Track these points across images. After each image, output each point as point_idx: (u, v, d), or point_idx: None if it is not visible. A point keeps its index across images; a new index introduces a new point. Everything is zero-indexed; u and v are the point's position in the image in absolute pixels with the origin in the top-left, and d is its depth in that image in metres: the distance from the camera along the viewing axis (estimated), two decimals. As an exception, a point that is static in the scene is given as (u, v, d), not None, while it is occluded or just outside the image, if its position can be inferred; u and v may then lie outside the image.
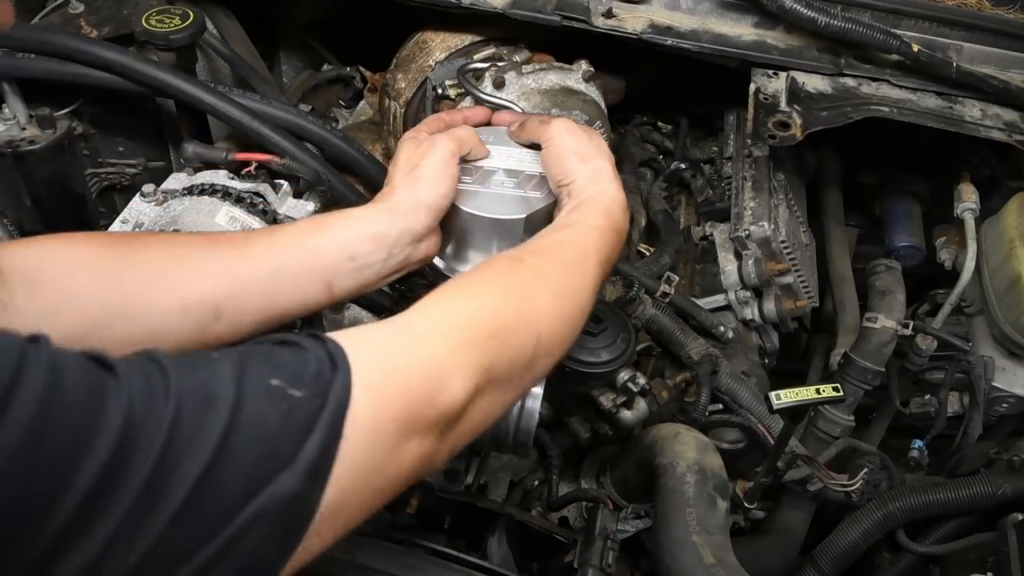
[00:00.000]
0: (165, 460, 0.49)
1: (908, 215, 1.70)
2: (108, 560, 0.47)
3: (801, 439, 1.49)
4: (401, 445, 0.64)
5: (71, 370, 0.48)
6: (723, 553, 1.08)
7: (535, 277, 0.83)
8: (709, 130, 1.84)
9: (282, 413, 0.55)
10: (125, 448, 0.47)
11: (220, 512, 0.51)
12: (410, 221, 0.98)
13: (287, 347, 0.61)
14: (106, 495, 0.46)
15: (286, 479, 0.53)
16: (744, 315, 1.52)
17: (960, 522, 1.49)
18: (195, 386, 0.53)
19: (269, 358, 0.59)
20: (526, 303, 0.79)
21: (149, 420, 0.49)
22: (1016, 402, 1.50)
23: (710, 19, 1.45)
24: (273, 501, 0.52)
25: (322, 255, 0.93)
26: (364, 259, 0.95)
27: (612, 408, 1.25)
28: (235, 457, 0.52)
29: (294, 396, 0.56)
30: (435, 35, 1.47)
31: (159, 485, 0.48)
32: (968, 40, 1.42)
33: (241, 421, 0.53)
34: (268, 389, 0.56)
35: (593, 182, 0.98)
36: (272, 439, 0.54)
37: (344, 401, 0.58)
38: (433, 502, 1.24)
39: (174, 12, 1.37)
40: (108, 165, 1.48)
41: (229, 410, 0.52)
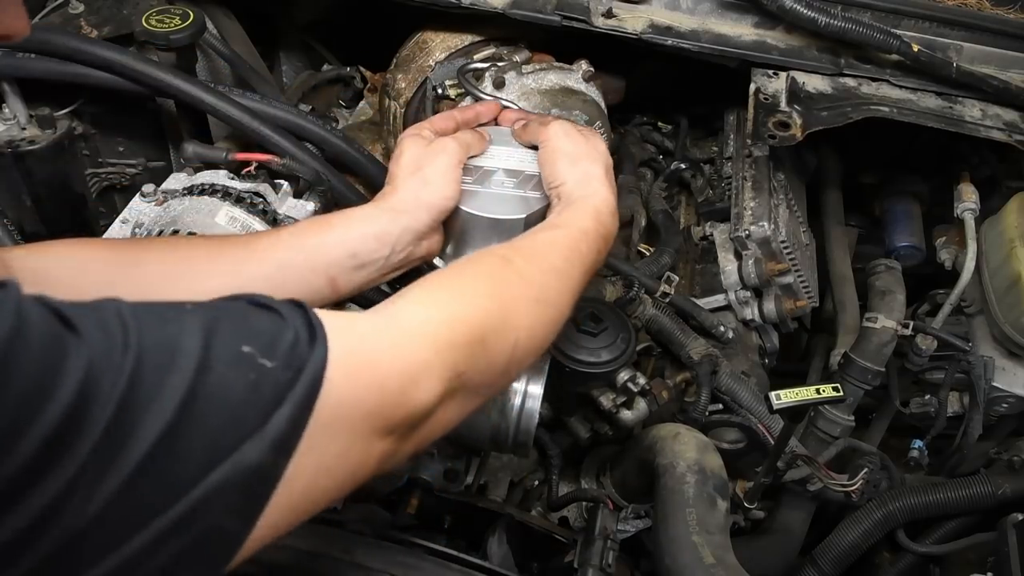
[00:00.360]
0: (124, 416, 0.47)
1: (908, 215, 1.70)
2: (65, 509, 0.46)
3: (801, 439, 1.49)
4: (367, 439, 0.63)
5: (36, 319, 0.47)
6: (723, 553, 1.08)
7: (521, 282, 0.82)
8: (709, 130, 1.84)
9: (250, 382, 0.54)
10: (84, 399, 0.46)
11: (181, 476, 0.50)
12: (412, 220, 0.98)
13: (265, 311, 0.60)
14: (63, 444, 0.45)
15: (251, 449, 0.52)
16: (744, 315, 1.52)
17: (960, 522, 1.49)
18: (159, 342, 0.51)
19: (244, 320, 0.58)
20: (510, 310, 0.79)
21: (107, 374, 0.48)
22: (1016, 402, 1.50)
23: (710, 19, 1.45)
24: (236, 471, 0.51)
25: (325, 253, 0.94)
26: (366, 256, 0.96)
27: (612, 408, 1.25)
28: (198, 422, 0.50)
29: (264, 366, 0.55)
30: (435, 35, 1.47)
31: (118, 439, 0.47)
32: (968, 40, 1.42)
33: (206, 386, 0.51)
34: (238, 355, 0.54)
35: (582, 185, 0.98)
36: (238, 407, 0.53)
37: (319, 378, 0.57)
38: (433, 502, 1.24)
39: (174, 12, 1.37)
40: (108, 165, 1.48)
41: (193, 373, 0.51)
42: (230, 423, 0.52)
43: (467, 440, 1.13)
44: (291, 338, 0.57)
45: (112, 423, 0.47)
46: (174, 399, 0.50)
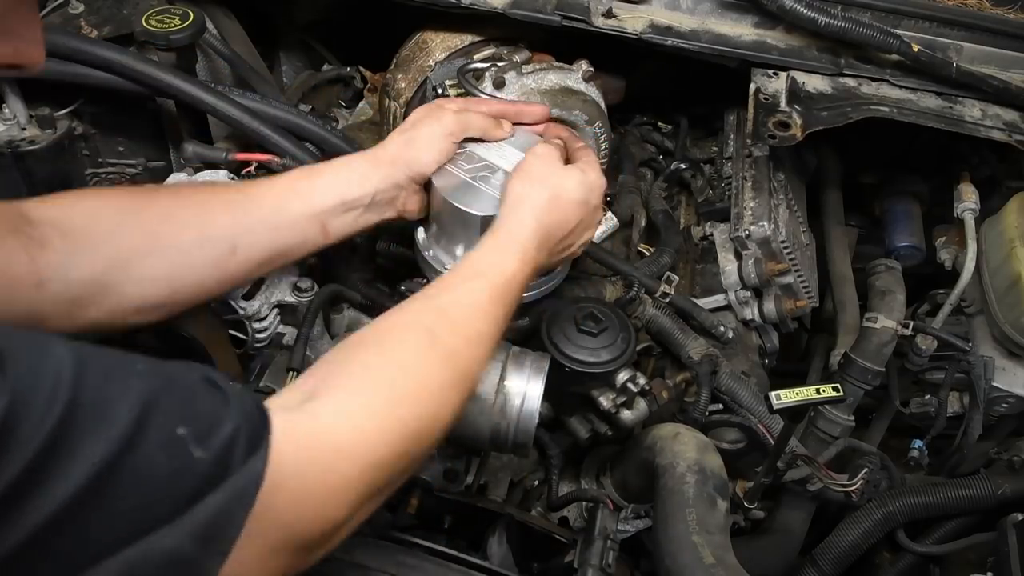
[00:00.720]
0: (35, 470, 0.45)
1: (908, 215, 1.70)
2: None
3: (801, 439, 1.49)
4: (276, 552, 0.61)
5: None
6: (723, 553, 1.08)
7: (447, 365, 0.80)
8: (709, 130, 1.84)
9: (174, 469, 0.51)
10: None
11: (83, 548, 0.47)
12: (391, 171, 1.05)
13: (214, 392, 0.58)
14: None
15: (166, 535, 0.49)
16: (744, 315, 1.52)
17: (960, 522, 1.49)
18: (93, 402, 0.49)
19: (190, 399, 0.56)
20: (438, 404, 0.78)
21: (25, 422, 0.45)
22: (1016, 402, 1.50)
23: (710, 19, 1.45)
24: (147, 556, 0.48)
25: (314, 196, 1.01)
26: (352, 201, 1.03)
27: (612, 408, 1.25)
28: (111, 494, 0.48)
29: (192, 455, 0.52)
30: (435, 35, 1.47)
31: (23, 494, 0.44)
32: (968, 40, 1.42)
33: (127, 460, 0.49)
34: (170, 437, 0.52)
35: (514, 207, 1.01)
36: (157, 489, 0.50)
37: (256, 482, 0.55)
38: (433, 502, 1.23)
39: (174, 12, 1.37)
40: (108, 165, 1.48)
41: (117, 444, 0.48)
42: (145, 504, 0.49)
43: (467, 440, 1.13)
44: (229, 431, 0.55)
45: (19, 476, 0.44)
46: (90, 466, 0.47)
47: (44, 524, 0.45)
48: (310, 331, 1.16)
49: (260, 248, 0.98)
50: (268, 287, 1.17)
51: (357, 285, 1.27)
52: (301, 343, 1.14)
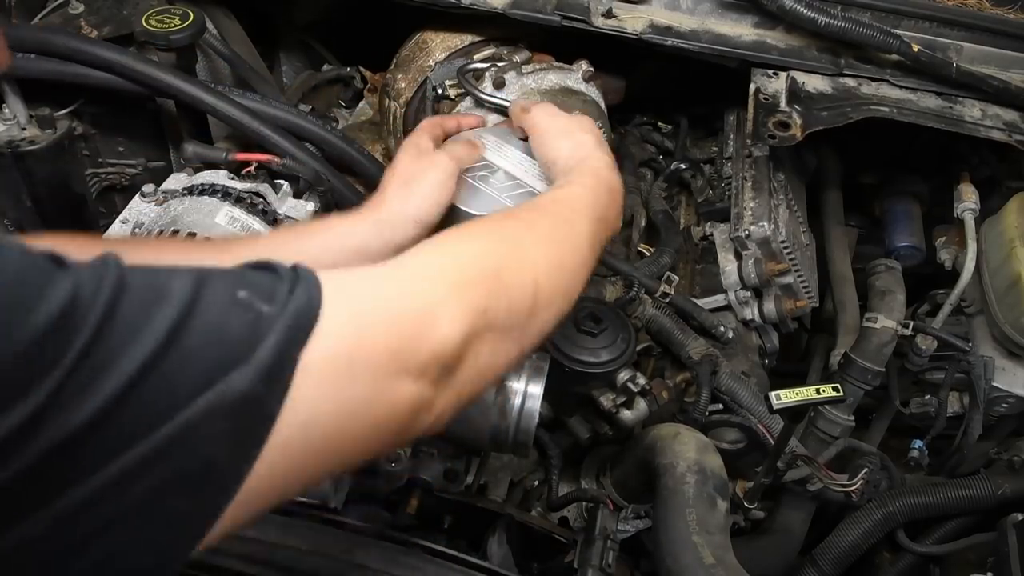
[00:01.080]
0: (109, 336, 0.48)
1: (908, 215, 1.70)
2: (49, 420, 0.45)
3: (801, 439, 1.49)
4: (387, 382, 0.61)
5: (12, 248, 0.47)
6: (723, 553, 1.08)
7: (527, 227, 0.82)
8: (709, 130, 1.84)
9: (247, 321, 0.53)
10: (66, 319, 0.46)
11: (168, 399, 0.49)
12: (395, 234, 0.98)
13: (262, 270, 0.59)
14: (43, 359, 0.45)
15: (237, 377, 0.51)
16: (744, 315, 1.52)
17: (960, 522, 1.49)
18: (147, 283, 0.51)
19: (240, 276, 0.58)
20: (521, 249, 0.78)
21: (93, 300, 0.48)
22: (1016, 402, 1.50)
23: (710, 19, 1.45)
24: (224, 398, 0.51)
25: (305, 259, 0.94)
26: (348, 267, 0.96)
27: (612, 408, 1.25)
28: (184, 351, 0.50)
29: (262, 310, 0.54)
30: (435, 35, 1.47)
31: (102, 358, 0.47)
32: (968, 40, 1.42)
33: (194, 320, 0.51)
34: (233, 299, 0.54)
35: (576, 151, 0.99)
36: (228, 339, 0.52)
37: (306, 308, 0.56)
38: (433, 502, 1.23)
39: (174, 12, 1.37)
40: (108, 165, 1.48)
41: (181, 307, 0.51)
42: (220, 354, 0.52)
43: (467, 440, 1.13)
44: (288, 287, 0.57)
45: (95, 341, 0.47)
46: (161, 328, 0.50)
47: (130, 376, 0.48)
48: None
49: None
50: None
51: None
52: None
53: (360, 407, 0.59)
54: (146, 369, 0.49)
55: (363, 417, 0.60)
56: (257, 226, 1.20)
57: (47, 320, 0.46)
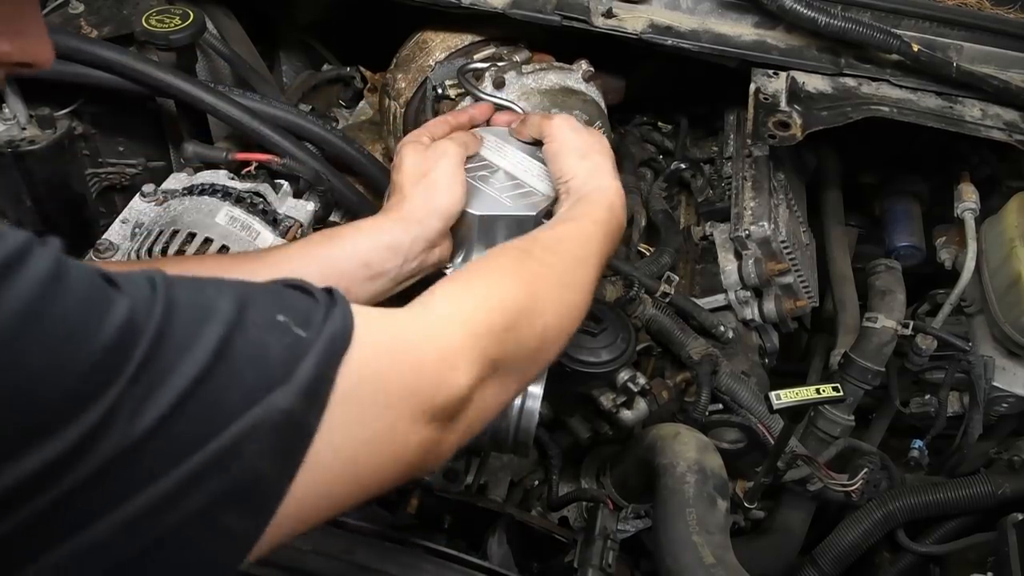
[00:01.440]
0: (161, 355, 0.50)
1: (908, 215, 1.70)
2: (105, 437, 0.47)
3: (801, 439, 1.49)
4: (408, 421, 0.63)
5: (77, 268, 0.49)
6: (723, 553, 1.08)
7: (543, 269, 0.83)
8: (709, 130, 1.84)
9: (285, 345, 0.56)
10: (124, 340, 0.48)
11: (216, 415, 0.51)
12: (424, 228, 0.98)
13: (298, 291, 0.62)
14: (104, 377, 0.47)
15: (280, 396, 0.54)
16: (744, 315, 1.52)
17: (960, 522, 1.49)
18: (194, 301, 0.54)
19: (279, 295, 0.60)
20: (537, 295, 0.80)
21: (146, 320, 0.50)
22: (1016, 402, 1.50)
23: (710, 19, 1.45)
24: (268, 414, 0.53)
25: (336, 264, 0.95)
26: (379, 267, 0.96)
27: (612, 408, 1.25)
28: (232, 368, 0.52)
29: (299, 334, 0.57)
30: (435, 35, 1.47)
31: (155, 376, 0.49)
32: (968, 40, 1.42)
33: (240, 339, 0.53)
34: (272, 322, 0.57)
35: (593, 178, 0.99)
36: (269, 359, 0.55)
37: (343, 333, 0.59)
38: (433, 502, 1.24)
39: (174, 12, 1.37)
40: (108, 165, 1.48)
41: (227, 327, 0.53)
42: (260, 372, 0.54)
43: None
44: (323, 312, 0.60)
45: (149, 360, 0.49)
46: (209, 346, 0.52)
47: (181, 393, 0.50)
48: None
49: None
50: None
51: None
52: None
53: (380, 438, 0.62)
54: (196, 384, 0.51)
55: (382, 449, 0.62)
56: (257, 226, 1.20)
57: (108, 339, 0.48)
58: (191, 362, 0.51)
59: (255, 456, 0.53)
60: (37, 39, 0.67)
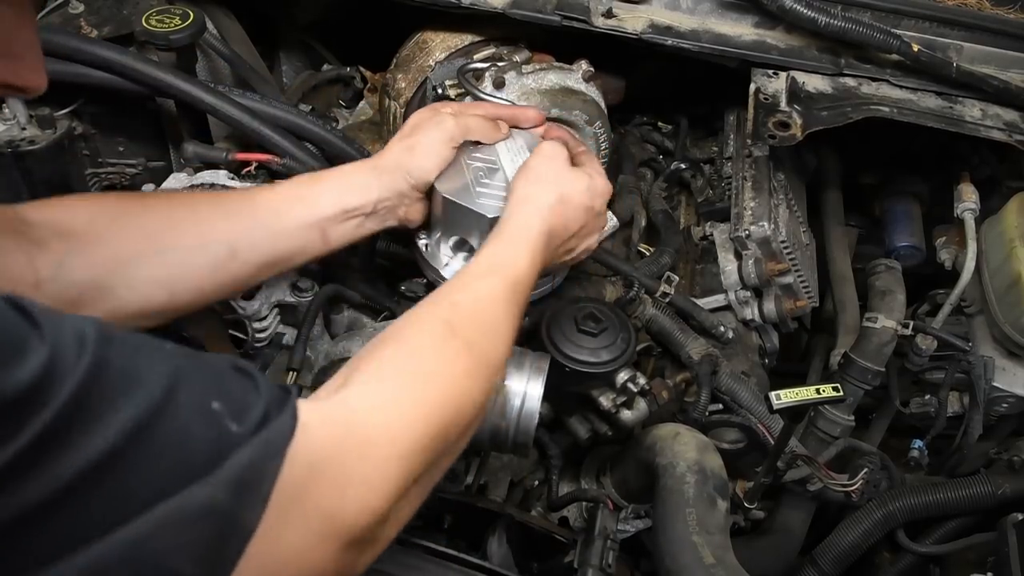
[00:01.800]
0: (72, 418, 0.45)
1: (908, 215, 1.70)
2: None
3: (801, 439, 1.49)
4: (326, 544, 0.61)
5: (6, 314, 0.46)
6: (723, 553, 1.08)
7: (470, 356, 0.80)
8: (709, 130, 1.84)
9: (211, 437, 0.52)
10: (31, 399, 0.44)
11: (120, 503, 0.47)
12: (392, 181, 1.04)
13: (245, 378, 0.59)
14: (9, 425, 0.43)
15: (200, 490, 0.50)
16: (744, 315, 1.52)
17: (960, 522, 1.49)
18: (123, 368, 0.50)
19: (220, 379, 0.57)
20: (465, 392, 0.78)
21: (63, 375, 0.45)
22: (1016, 402, 1.50)
23: (710, 19, 1.45)
24: (184, 510, 0.49)
25: (316, 202, 1.01)
26: (351, 206, 1.02)
27: (612, 408, 1.25)
28: (146, 452, 0.48)
29: (230, 428, 0.53)
30: (435, 35, 1.47)
31: (59, 444, 0.45)
32: (968, 40, 1.42)
33: (162, 421, 0.49)
34: (205, 409, 0.53)
35: (520, 205, 1.00)
36: (192, 450, 0.51)
37: (285, 436, 0.56)
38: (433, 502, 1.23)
39: (174, 12, 1.37)
40: (108, 165, 1.47)
41: (152, 405, 0.49)
42: (181, 465, 0.50)
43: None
44: (261, 411, 0.56)
45: (57, 422, 0.45)
46: (125, 424, 0.47)
47: (81, 473, 0.45)
48: (310, 331, 1.16)
49: (259, 254, 0.98)
50: (268, 287, 1.17)
51: (357, 285, 1.27)
52: (301, 343, 1.14)
53: (291, 557, 0.58)
54: (104, 465, 0.46)
55: (302, 562, 0.59)
56: (257, 226, 1.20)
57: (13, 390, 0.43)
58: (101, 437, 0.46)
59: (171, 553, 0.48)
60: (31, 65, 0.67)
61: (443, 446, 0.73)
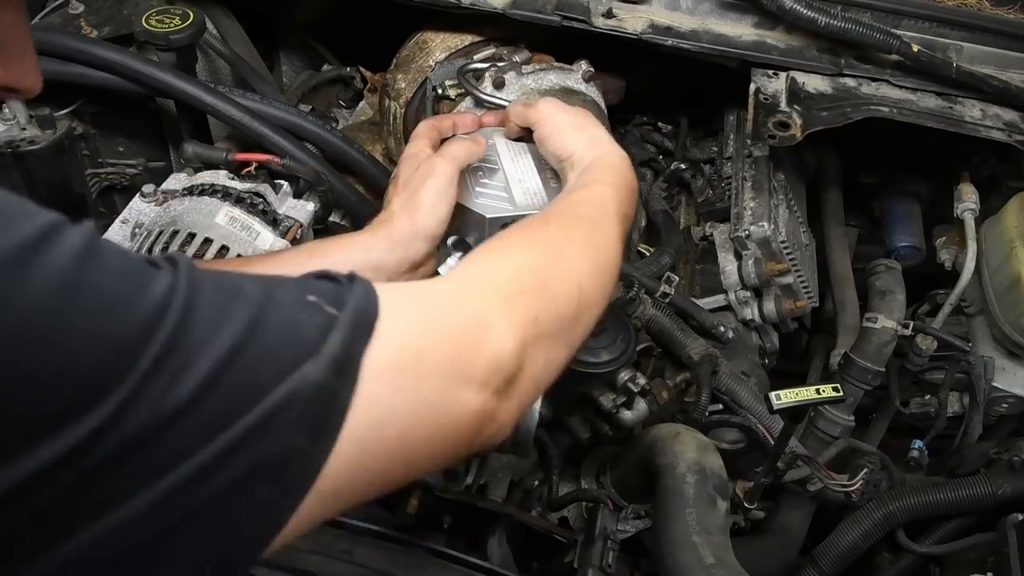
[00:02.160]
0: (190, 332, 0.50)
1: (908, 215, 1.70)
2: (139, 408, 0.47)
3: (801, 439, 1.49)
4: (451, 388, 0.62)
5: (111, 246, 0.50)
6: (723, 553, 1.08)
7: (565, 232, 0.83)
8: (709, 130, 1.84)
9: (316, 324, 0.56)
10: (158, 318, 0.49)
11: (248, 391, 0.51)
12: (408, 251, 0.99)
13: (324, 279, 0.62)
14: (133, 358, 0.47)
15: (311, 368, 0.54)
16: (744, 315, 1.52)
17: (960, 522, 1.48)
18: (220, 283, 0.54)
19: (305, 281, 0.60)
20: (564, 255, 0.80)
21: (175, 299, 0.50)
22: (1016, 402, 1.50)
23: (710, 19, 1.45)
24: (300, 388, 0.53)
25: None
26: None
27: (612, 408, 1.25)
28: (264, 342, 0.53)
29: (331, 312, 0.57)
30: (435, 35, 1.47)
31: (184, 353, 0.49)
32: (968, 40, 1.42)
33: (270, 315, 0.54)
34: (303, 302, 0.57)
35: (593, 147, 0.99)
36: (300, 336, 0.55)
37: (364, 308, 0.59)
38: (433, 502, 1.23)
39: (174, 12, 1.37)
40: (108, 165, 1.48)
41: (257, 305, 0.54)
42: (295, 347, 0.54)
43: (467, 440, 1.13)
44: (349, 291, 0.60)
45: (178, 335, 0.49)
46: (241, 321, 0.52)
47: (212, 369, 0.50)
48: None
49: None
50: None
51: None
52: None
53: (427, 410, 0.61)
54: (229, 359, 0.51)
55: (430, 421, 0.61)
56: (257, 226, 1.20)
57: (145, 315, 0.48)
58: (223, 336, 0.51)
59: (287, 429, 0.52)
60: (25, 65, 0.67)
61: (551, 297, 0.74)
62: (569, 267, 0.79)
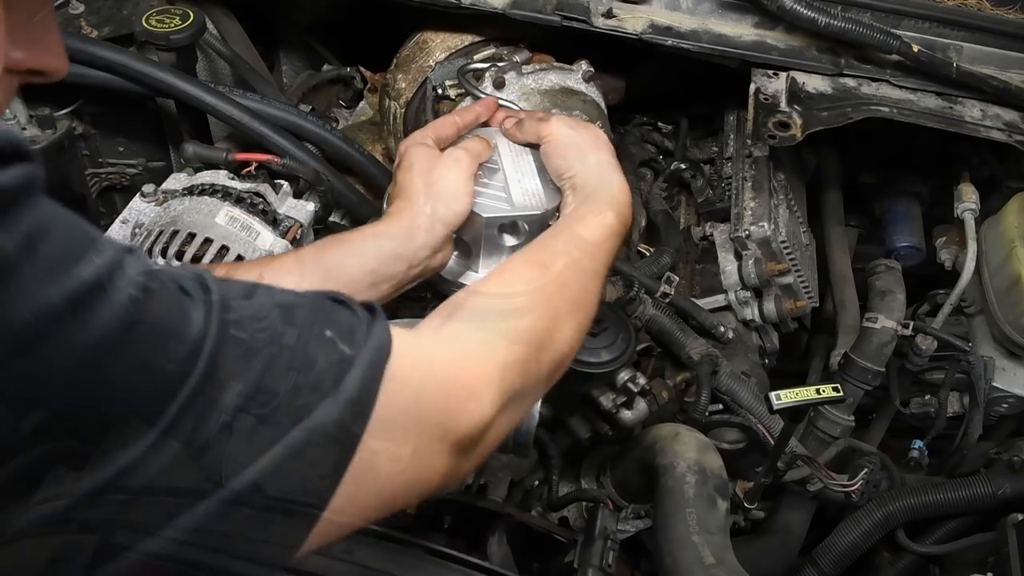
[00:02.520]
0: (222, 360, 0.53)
1: (908, 215, 1.70)
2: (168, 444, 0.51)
3: (801, 439, 1.49)
4: (434, 448, 0.65)
5: (162, 275, 0.54)
6: (723, 553, 1.08)
7: (561, 292, 0.84)
8: (709, 130, 1.84)
9: (332, 361, 0.58)
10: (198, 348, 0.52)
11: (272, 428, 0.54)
12: (429, 237, 0.99)
13: (342, 307, 0.64)
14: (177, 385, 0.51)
15: (332, 406, 0.57)
16: (744, 315, 1.52)
17: (960, 522, 1.48)
18: (249, 312, 0.57)
19: (326, 313, 0.62)
20: (555, 321, 0.81)
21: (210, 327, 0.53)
22: (1016, 402, 1.50)
23: (710, 19, 1.45)
24: (319, 425, 0.56)
25: (344, 271, 0.96)
26: (384, 273, 0.98)
27: (612, 408, 1.25)
28: (279, 378, 0.55)
29: (344, 352, 0.59)
30: (435, 35, 1.47)
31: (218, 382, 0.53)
32: (968, 40, 1.42)
33: (289, 354, 0.56)
34: (320, 337, 0.59)
35: (597, 174, 0.99)
36: (319, 375, 0.57)
37: (381, 349, 0.61)
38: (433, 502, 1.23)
39: (174, 12, 1.37)
40: (108, 165, 1.48)
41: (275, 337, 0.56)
42: (311, 387, 0.57)
43: (467, 440, 1.13)
44: (365, 330, 0.62)
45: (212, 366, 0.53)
46: (263, 359, 0.55)
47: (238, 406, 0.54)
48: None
49: None
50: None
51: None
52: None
53: (407, 461, 0.63)
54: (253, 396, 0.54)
55: (407, 469, 0.64)
56: (257, 226, 1.20)
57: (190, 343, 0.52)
58: (251, 371, 0.54)
59: (307, 467, 0.56)
60: (51, 48, 0.67)
61: (536, 367, 0.77)
62: (557, 336, 0.80)
